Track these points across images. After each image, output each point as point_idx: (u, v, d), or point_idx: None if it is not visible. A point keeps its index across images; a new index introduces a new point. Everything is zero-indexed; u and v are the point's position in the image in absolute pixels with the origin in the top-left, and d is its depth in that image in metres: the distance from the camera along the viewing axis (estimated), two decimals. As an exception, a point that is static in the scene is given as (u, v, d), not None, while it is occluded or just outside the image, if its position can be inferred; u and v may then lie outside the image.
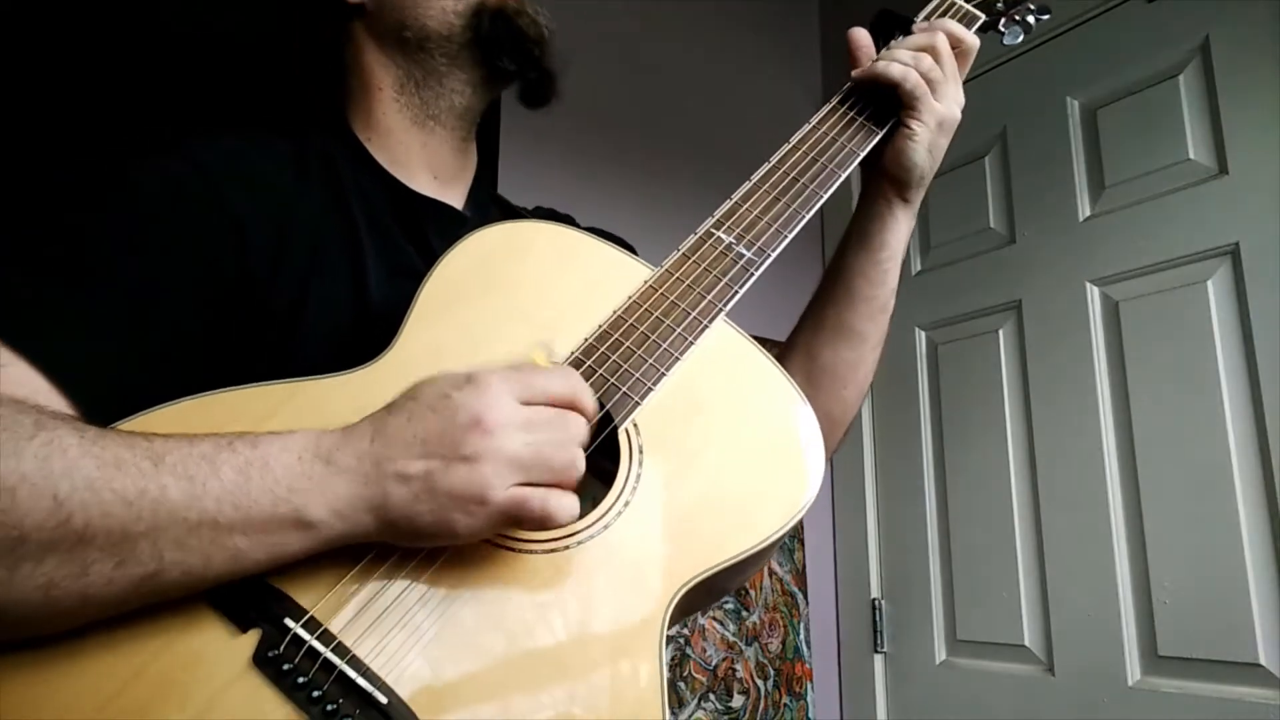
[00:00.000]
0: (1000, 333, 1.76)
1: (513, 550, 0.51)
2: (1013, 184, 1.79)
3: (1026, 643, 1.60)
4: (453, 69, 0.74)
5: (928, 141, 0.71)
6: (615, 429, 0.56)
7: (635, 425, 0.57)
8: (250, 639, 0.46)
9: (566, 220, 0.82)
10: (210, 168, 0.63)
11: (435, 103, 0.75)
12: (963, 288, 1.84)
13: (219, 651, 0.45)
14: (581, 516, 0.52)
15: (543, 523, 0.48)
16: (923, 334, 1.92)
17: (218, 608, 0.47)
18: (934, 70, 0.71)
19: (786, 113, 2.09)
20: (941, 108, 0.71)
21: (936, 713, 1.73)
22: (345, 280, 0.65)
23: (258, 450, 0.47)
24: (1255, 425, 1.35)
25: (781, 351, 0.81)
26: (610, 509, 0.54)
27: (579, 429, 0.50)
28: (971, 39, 0.75)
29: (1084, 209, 1.65)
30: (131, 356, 0.56)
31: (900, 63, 0.70)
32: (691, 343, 0.60)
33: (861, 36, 0.75)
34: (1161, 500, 1.44)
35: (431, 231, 0.71)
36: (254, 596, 0.47)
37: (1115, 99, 1.63)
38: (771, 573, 1.86)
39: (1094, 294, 1.60)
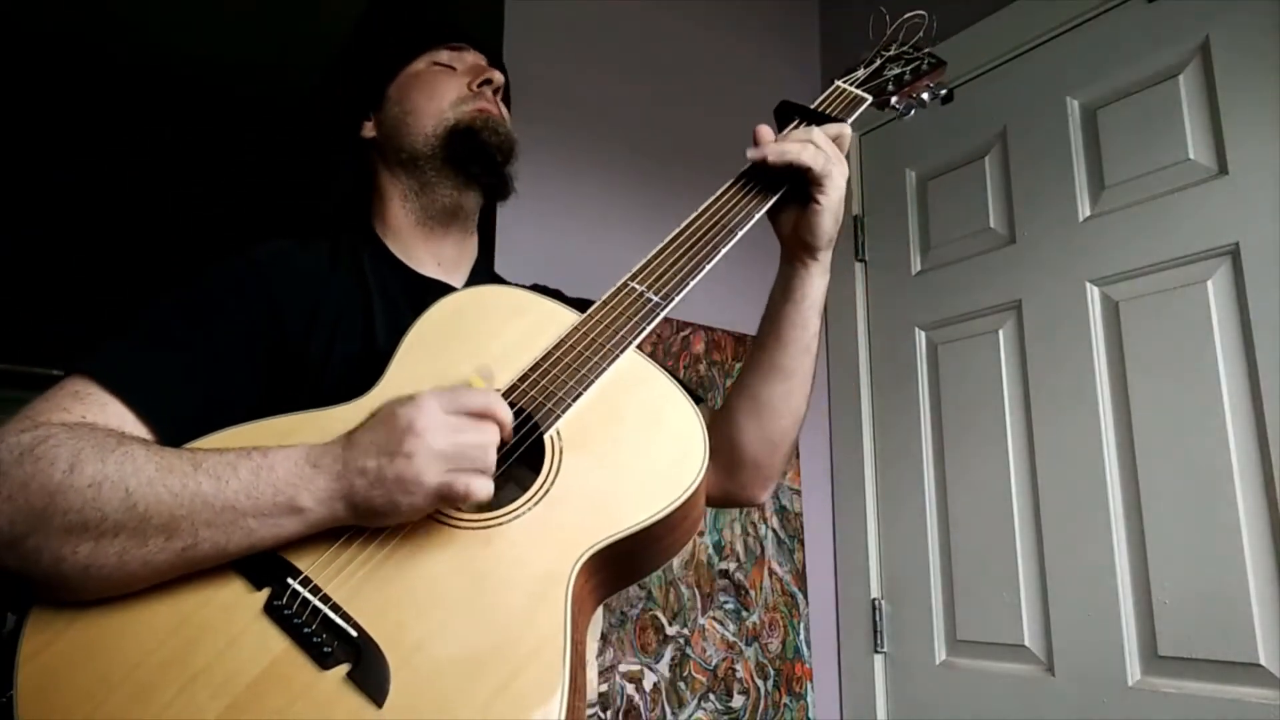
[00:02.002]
0: (1000, 333, 1.76)
1: (456, 528, 0.67)
2: (1013, 184, 1.78)
3: (1026, 643, 1.60)
4: (439, 178, 0.95)
5: (833, 212, 0.86)
6: (541, 435, 0.72)
7: (558, 434, 0.72)
8: (263, 594, 0.63)
9: (555, 294, 0.98)
10: (261, 263, 0.85)
11: (431, 206, 0.96)
12: (963, 288, 1.84)
13: (241, 603, 0.63)
14: (512, 503, 0.69)
15: (466, 498, 0.63)
16: (923, 334, 1.92)
17: (241, 573, 0.64)
18: (832, 152, 0.85)
19: (787, 113, 2.09)
20: (840, 183, 0.85)
21: (936, 713, 1.73)
22: (360, 340, 0.84)
23: (267, 458, 0.65)
24: (1255, 425, 1.35)
25: (730, 391, 0.98)
26: (533, 497, 0.70)
27: (491, 432, 0.66)
28: (845, 129, 0.90)
29: (1084, 209, 1.65)
30: (195, 399, 0.75)
31: (814, 146, 0.84)
32: (604, 368, 0.75)
33: (765, 131, 0.89)
34: (1161, 500, 1.44)
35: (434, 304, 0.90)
36: (266, 563, 0.64)
37: (1115, 99, 1.63)
38: (771, 573, 1.87)
39: (1094, 294, 1.60)
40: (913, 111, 1.01)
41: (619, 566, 0.71)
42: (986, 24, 1.85)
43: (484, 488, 0.63)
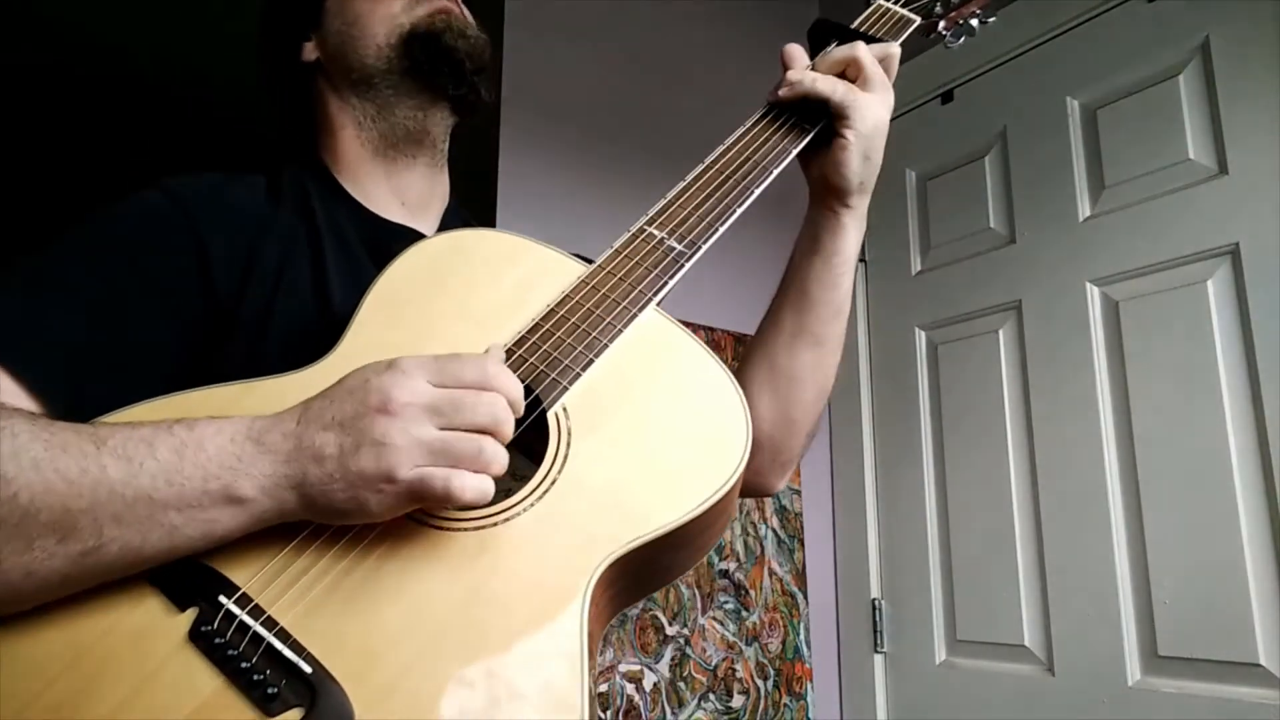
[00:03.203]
0: (1000, 333, 1.76)
1: (440, 529, 0.54)
2: (1013, 184, 1.79)
3: (1026, 643, 1.60)
4: (399, 97, 0.80)
5: (862, 149, 0.74)
6: (544, 412, 0.58)
7: (565, 410, 0.59)
8: (187, 616, 0.49)
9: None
10: (184, 198, 0.69)
11: (391, 133, 0.81)
12: (963, 288, 1.84)
13: (158, 628, 0.49)
14: (509, 495, 0.56)
15: (446, 500, 0.50)
16: (923, 334, 1.92)
17: (158, 587, 0.50)
18: (861, 79, 0.74)
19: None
20: (871, 114, 0.73)
21: (936, 713, 1.73)
22: (309, 297, 0.70)
23: (194, 433, 0.50)
24: (1255, 425, 1.35)
25: (742, 358, 0.85)
26: (536, 489, 0.56)
27: (490, 410, 0.51)
28: (893, 49, 0.78)
29: (1084, 209, 1.65)
30: (98, 360, 0.61)
31: (823, 76, 0.74)
32: (620, 330, 0.62)
33: (795, 51, 0.79)
34: (1161, 500, 1.44)
35: (398, 251, 0.75)
36: (191, 576, 0.50)
37: (1115, 99, 1.63)
38: (771, 573, 1.87)
39: (1094, 294, 1.60)
40: (961, 40, 0.87)
41: (641, 574, 0.59)
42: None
43: (474, 488, 0.50)
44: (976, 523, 1.73)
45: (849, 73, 0.75)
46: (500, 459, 0.51)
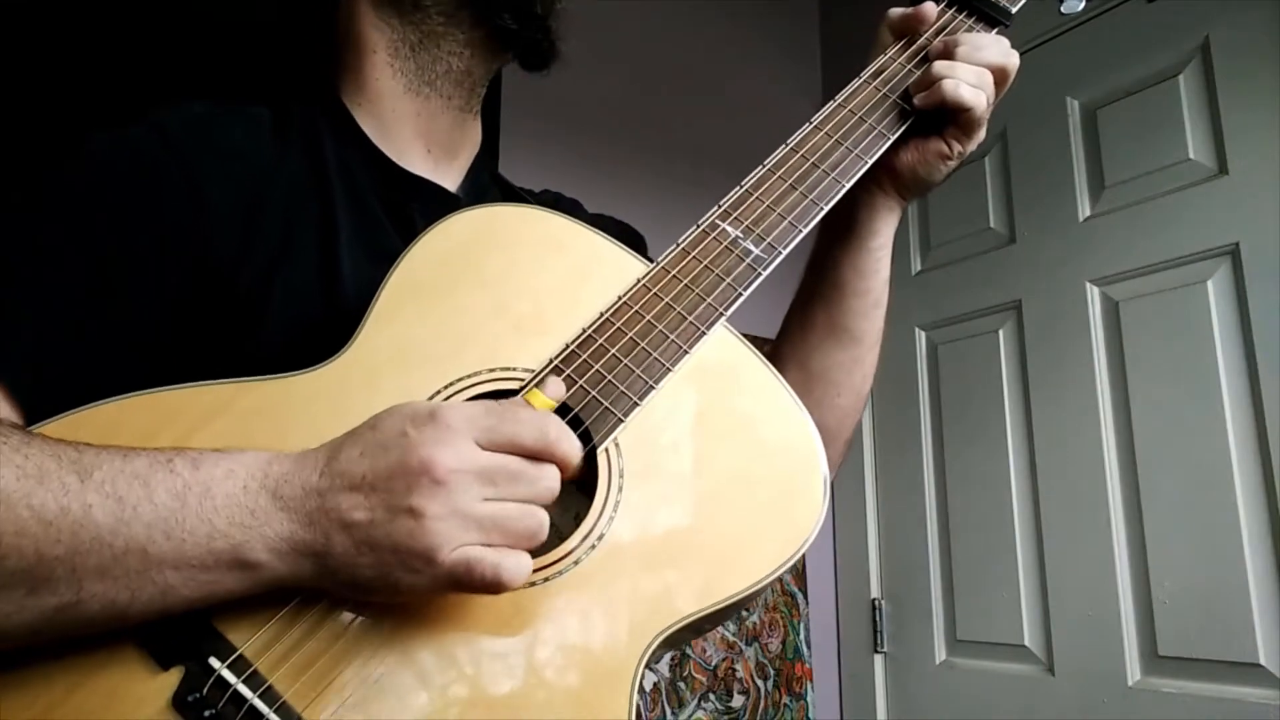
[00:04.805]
0: (1000, 333, 1.76)
1: None
2: (1013, 184, 1.79)
3: (1026, 643, 1.60)
4: (450, 29, 0.67)
5: (958, 165, 0.67)
6: (594, 449, 0.50)
7: (617, 445, 0.51)
8: (172, 677, 0.41)
9: (572, 206, 0.77)
10: (175, 136, 0.57)
11: (432, 67, 0.68)
12: (963, 288, 1.84)
13: (136, 691, 0.41)
14: (555, 544, 0.48)
15: (493, 589, 0.42)
16: (923, 334, 1.92)
17: (139, 642, 0.42)
18: (992, 93, 0.65)
19: (786, 113, 2.08)
20: (984, 132, 0.66)
21: (936, 713, 1.73)
22: (315, 265, 0.59)
23: (199, 473, 0.42)
24: (1255, 425, 1.35)
25: (770, 359, 0.77)
26: (583, 541, 0.48)
27: (548, 485, 0.44)
28: (1016, 63, 0.67)
29: (1084, 209, 1.65)
30: (79, 346, 0.51)
31: (970, 85, 0.63)
32: (686, 352, 0.53)
33: (929, 10, 0.68)
34: (1161, 500, 1.44)
35: (418, 213, 0.65)
36: (178, 630, 0.42)
37: (1115, 99, 1.63)
38: (771, 573, 1.86)
39: (1094, 294, 1.60)
40: (1080, 6, 0.78)
41: (685, 635, 0.51)
42: (986, 24, 1.85)
43: (523, 572, 0.43)
44: (976, 523, 1.73)
45: (995, 78, 0.65)
46: (545, 534, 0.44)
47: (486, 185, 0.76)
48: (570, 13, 0.75)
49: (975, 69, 0.63)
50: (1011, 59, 0.65)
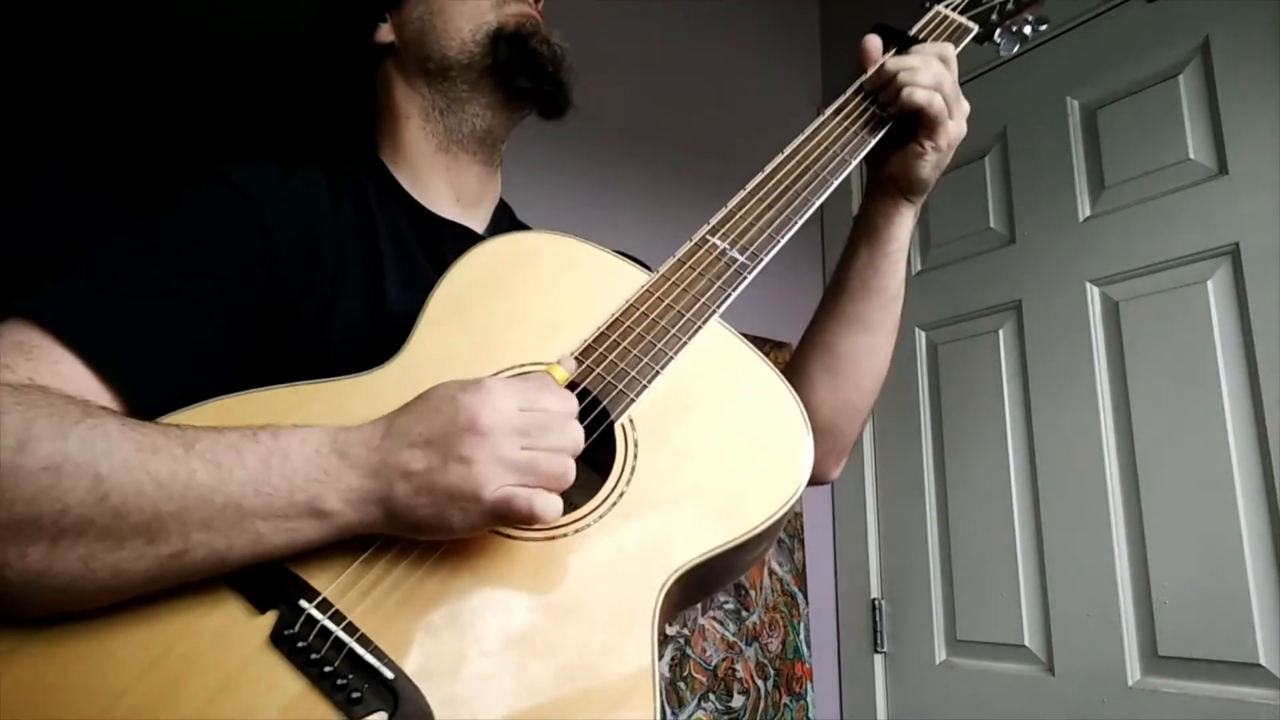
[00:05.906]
0: (1000, 333, 1.76)
1: (512, 539, 0.55)
2: (1013, 184, 1.79)
3: (1026, 643, 1.60)
4: (474, 94, 0.80)
5: (936, 160, 0.77)
6: (611, 424, 0.60)
7: (631, 421, 0.61)
8: (268, 619, 0.50)
9: None
10: (250, 193, 0.68)
11: (458, 128, 0.81)
12: (963, 288, 1.84)
13: (239, 630, 0.49)
14: (578, 508, 0.56)
15: (529, 520, 0.51)
16: (923, 334, 1.92)
17: (238, 590, 0.51)
18: (951, 91, 0.75)
19: (786, 115, 2.09)
20: (954, 127, 0.75)
21: (936, 713, 1.73)
22: (365, 295, 0.70)
23: (279, 441, 0.51)
24: (1255, 425, 1.35)
25: (799, 346, 0.87)
26: (605, 500, 0.57)
27: (574, 436, 0.53)
28: (953, 54, 0.78)
29: (1084, 209, 1.65)
30: (173, 359, 0.61)
31: (923, 86, 0.73)
32: (685, 342, 0.64)
33: (875, 43, 0.79)
34: (1161, 500, 1.44)
35: (450, 251, 0.73)
36: (271, 580, 0.51)
37: (1115, 99, 1.63)
38: (771, 573, 1.87)
39: (1094, 294, 1.60)
40: (1015, 49, 0.88)
41: (704, 581, 0.60)
42: (986, 24, 1.85)
43: (554, 508, 0.51)
44: (976, 523, 1.73)
45: (944, 83, 0.75)
46: (572, 476, 0.53)
47: (508, 229, 0.87)
48: (570, 13, 0.80)
49: (928, 72, 0.74)
50: (945, 49, 0.76)
